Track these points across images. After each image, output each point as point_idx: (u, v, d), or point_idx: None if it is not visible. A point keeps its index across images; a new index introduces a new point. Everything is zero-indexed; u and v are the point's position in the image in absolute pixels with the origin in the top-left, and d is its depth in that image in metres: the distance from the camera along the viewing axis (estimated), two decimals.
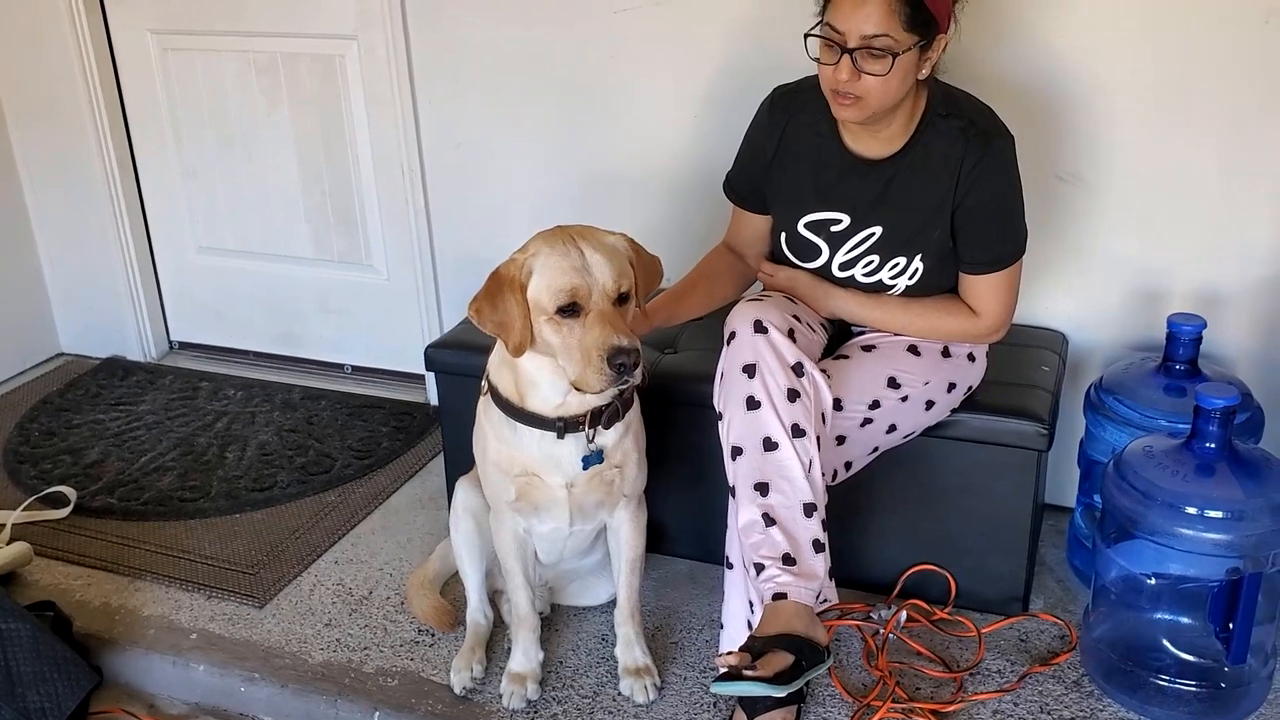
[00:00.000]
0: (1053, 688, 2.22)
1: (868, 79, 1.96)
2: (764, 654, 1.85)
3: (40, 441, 3.26)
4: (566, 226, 2.01)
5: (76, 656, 2.38)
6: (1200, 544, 2.00)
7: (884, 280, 2.19)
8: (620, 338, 1.85)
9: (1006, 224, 2.14)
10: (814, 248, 2.22)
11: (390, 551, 2.74)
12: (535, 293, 1.92)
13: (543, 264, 1.92)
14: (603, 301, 1.89)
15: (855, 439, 2.10)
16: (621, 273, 1.93)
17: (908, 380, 2.16)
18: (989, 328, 2.20)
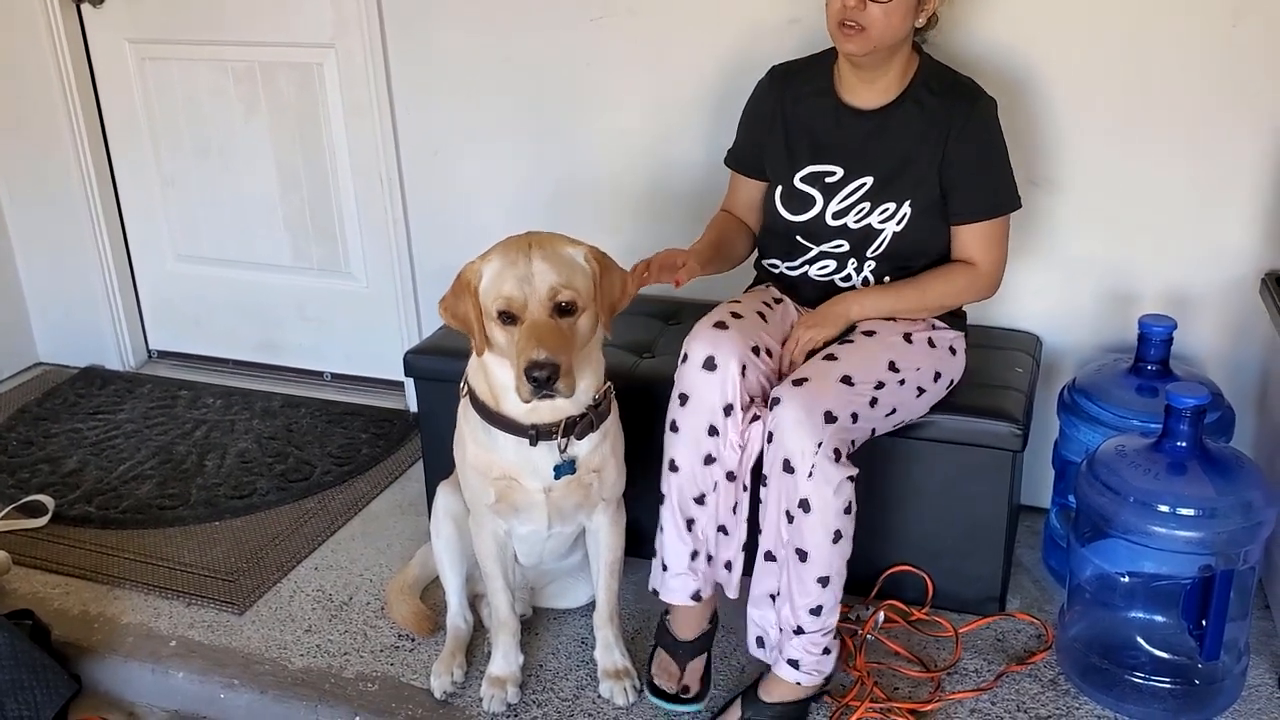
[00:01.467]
0: (1029, 686, 2.24)
1: (873, 8, 2.09)
2: None
3: (18, 450, 3.25)
4: (535, 233, 2.03)
5: (55, 664, 2.37)
6: (1173, 541, 2.03)
7: (873, 225, 2.26)
8: (539, 351, 1.86)
9: (995, 175, 2.24)
10: (808, 198, 2.30)
11: (370, 557, 2.74)
12: (483, 296, 1.97)
13: (491, 269, 1.96)
14: (537, 311, 1.91)
15: (865, 416, 2.13)
16: (566, 283, 1.93)
17: (905, 365, 2.21)
18: (989, 277, 2.28)
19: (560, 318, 1.92)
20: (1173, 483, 2.04)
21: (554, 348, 1.88)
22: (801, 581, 2.06)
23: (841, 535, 2.06)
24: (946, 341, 2.31)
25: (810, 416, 2.02)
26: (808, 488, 2.02)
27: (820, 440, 2.01)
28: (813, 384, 2.07)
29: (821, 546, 2.04)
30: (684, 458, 2.16)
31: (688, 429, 2.15)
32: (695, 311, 2.75)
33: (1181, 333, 2.43)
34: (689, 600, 2.22)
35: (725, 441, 2.13)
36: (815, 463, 2.00)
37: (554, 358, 1.86)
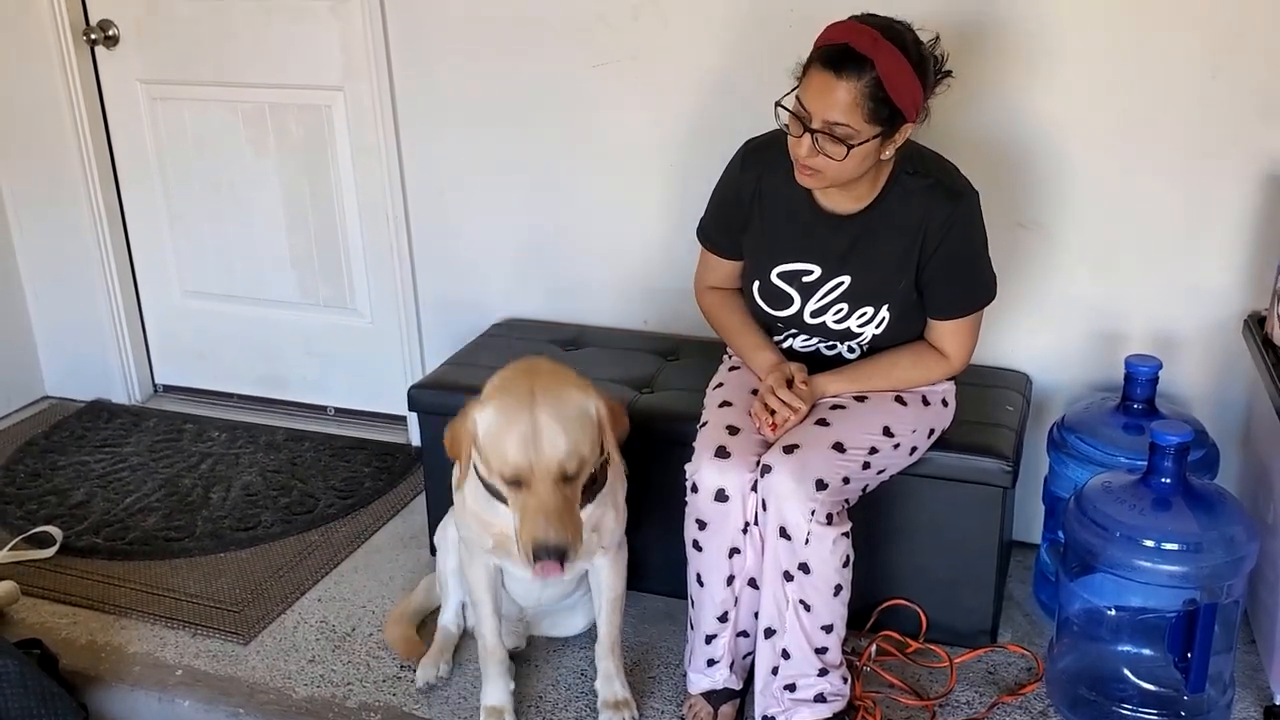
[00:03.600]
0: (1020, 718, 2.29)
1: (825, 157, 2.05)
2: None
3: (26, 483, 3.30)
4: (537, 372, 1.96)
5: (63, 692, 2.40)
6: (1158, 576, 2.08)
7: (852, 328, 2.27)
8: (550, 532, 1.81)
9: (973, 276, 2.24)
10: (786, 296, 2.29)
11: (373, 589, 2.79)
12: (484, 450, 1.91)
13: (492, 426, 1.88)
14: (544, 482, 1.84)
15: (856, 479, 2.17)
16: (573, 450, 1.86)
17: (899, 428, 2.24)
18: (958, 365, 2.30)
19: (567, 483, 1.87)
20: (1158, 518, 2.10)
21: (562, 525, 1.83)
22: (808, 632, 2.12)
23: (842, 588, 2.13)
24: (939, 396, 2.35)
25: (802, 485, 2.06)
26: (806, 552, 2.08)
27: (813, 508, 2.06)
28: (804, 451, 2.11)
29: (825, 600, 2.11)
30: (709, 577, 2.22)
31: (709, 551, 2.20)
32: (694, 350, 2.85)
33: (1167, 372, 2.49)
34: (701, 694, 2.28)
35: (747, 556, 2.18)
36: (810, 529, 2.06)
37: (563, 541, 1.82)
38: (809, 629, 2.11)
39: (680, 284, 2.67)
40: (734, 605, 2.22)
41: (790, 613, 2.11)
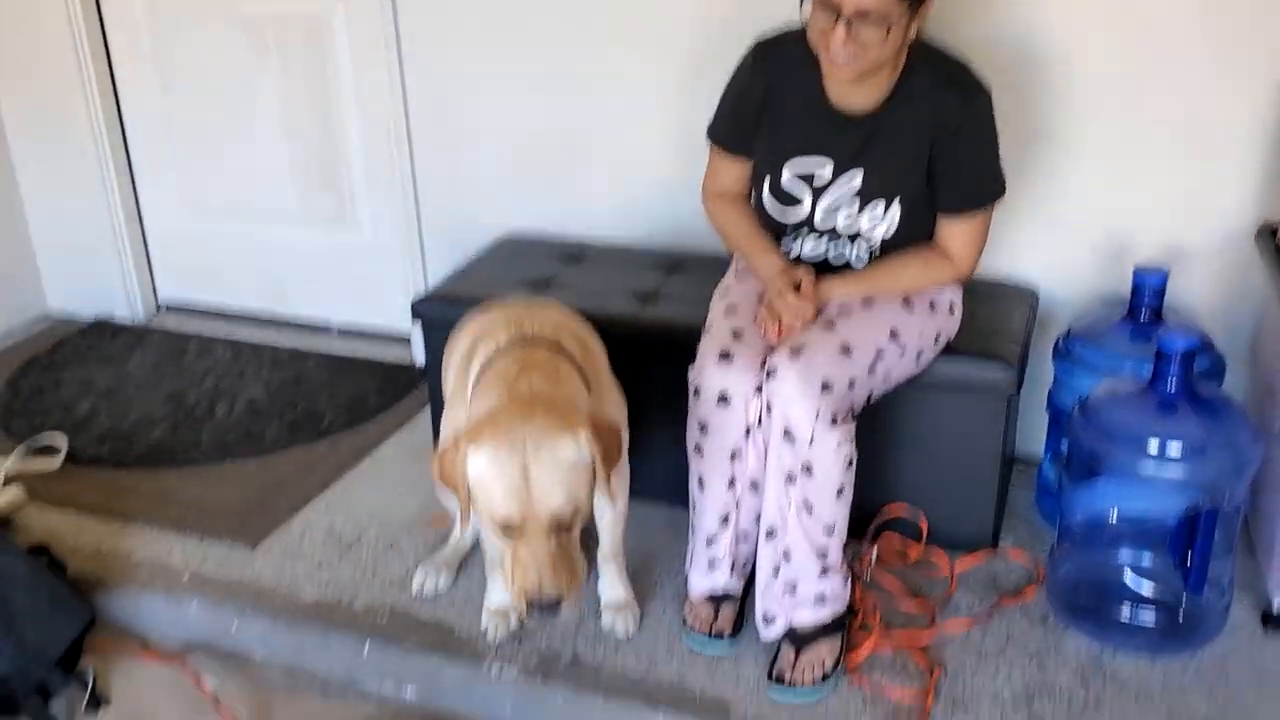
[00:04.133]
0: (1019, 621, 2.31)
1: (862, 43, 2.04)
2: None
3: (30, 397, 3.31)
4: (526, 412, 1.84)
5: (72, 593, 2.43)
6: (1161, 480, 2.09)
7: (862, 229, 2.26)
8: (542, 585, 1.77)
9: (983, 171, 2.22)
10: (796, 197, 2.28)
11: (379, 500, 2.80)
12: (475, 493, 1.84)
13: (483, 473, 1.81)
14: (537, 535, 1.79)
15: (862, 383, 2.17)
16: (567, 501, 1.79)
17: (905, 332, 2.24)
18: (965, 268, 2.29)
19: (561, 532, 1.81)
20: (1163, 423, 2.10)
21: (555, 575, 1.78)
22: (810, 533, 2.13)
23: (844, 489, 2.13)
24: (946, 302, 2.35)
25: (807, 386, 2.06)
26: (809, 454, 2.08)
27: (818, 409, 2.06)
28: (810, 353, 2.10)
29: (827, 502, 2.12)
30: (711, 479, 2.23)
31: (711, 454, 2.20)
32: (697, 263, 2.84)
33: (1176, 286, 2.49)
34: (703, 596, 2.30)
35: (748, 460, 2.19)
36: (815, 430, 2.06)
37: (558, 594, 1.78)
38: (811, 530, 2.13)
39: (684, 198, 2.65)
40: (735, 508, 2.23)
41: (792, 514, 2.12)
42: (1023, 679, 2.16)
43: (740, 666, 2.21)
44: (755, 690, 2.15)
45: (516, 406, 1.87)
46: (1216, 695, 2.11)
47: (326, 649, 2.37)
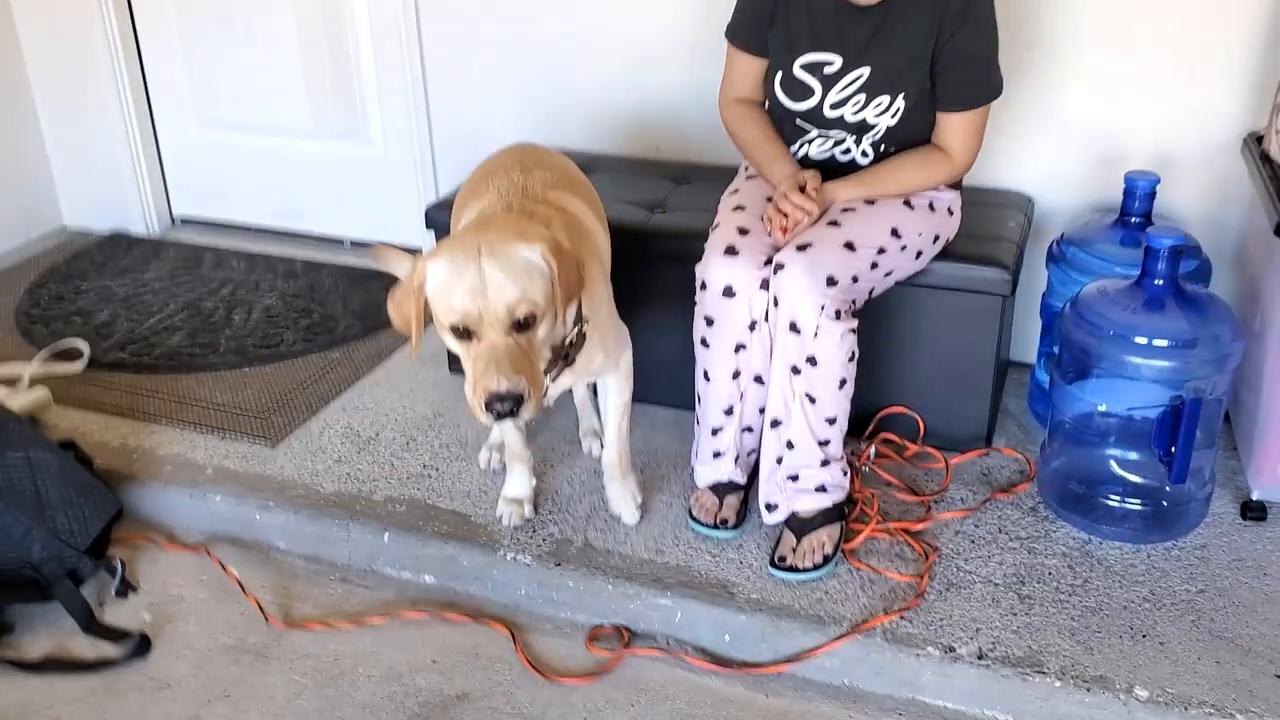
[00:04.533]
0: (1011, 512, 2.42)
1: None
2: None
3: (50, 305, 3.39)
4: (483, 229, 1.89)
5: (100, 484, 2.53)
6: (1148, 372, 2.19)
7: (868, 119, 2.33)
8: (500, 380, 1.74)
9: (982, 68, 2.30)
10: (807, 88, 2.35)
11: (394, 401, 2.90)
12: (433, 303, 1.83)
13: (437, 273, 1.82)
14: (495, 330, 1.78)
15: (864, 278, 2.26)
16: (523, 297, 1.78)
17: (906, 230, 2.32)
18: (963, 164, 2.37)
19: (519, 333, 1.81)
20: (1149, 318, 2.19)
21: (515, 373, 1.76)
22: (812, 424, 2.22)
23: (846, 381, 2.22)
24: (945, 203, 2.43)
25: (814, 281, 2.14)
26: (814, 346, 2.16)
27: (823, 303, 2.14)
28: (815, 249, 2.19)
29: (830, 393, 2.21)
30: (716, 372, 2.32)
31: (716, 346, 2.29)
32: (705, 174, 2.90)
33: (1166, 193, 2.57)
34: (707, 486, 2.41)
35: (752, 352, 2.28)
36: (820, 323, 2.15)
37: (516, 388, 1.76)
38: (813, 421, 2.22)
39: (694, 112, 2.71)
40: (739, 400, 2.33)
41: (796, 405, 2.21)
42: (1014, 563, 2.27)
43: (743, 553, 2.32)
44: (757, 573, 2.26)
45: (471, 228, 1.92)
46: (1196, 578, 2.22)
47: (347, 538, 2.48)
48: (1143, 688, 1.97)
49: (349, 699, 2.14)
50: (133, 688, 2.18)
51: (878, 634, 2.11)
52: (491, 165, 2.37)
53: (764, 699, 2.10)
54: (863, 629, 2.11)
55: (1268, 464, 2.32)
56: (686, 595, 2.22)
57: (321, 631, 2.30)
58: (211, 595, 2.41)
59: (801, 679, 2.13)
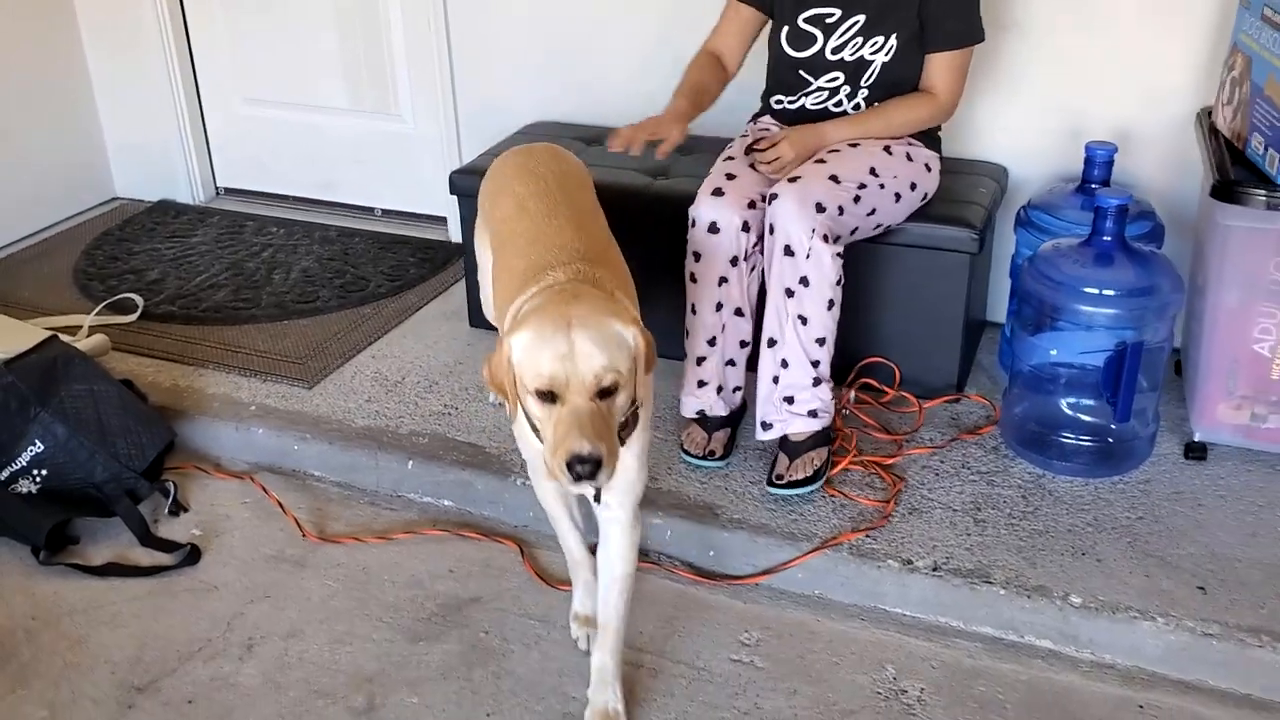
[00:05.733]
0: (975, 451, 2.66)
1: None
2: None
3: (105, 264, 3.69)
4: (574, 297, 1.88)
5: (156, 414, 2.83)
6: (1096, 319, 2.43)
7: (865, 57, 2.59)
8: (584, 444, 1.75)
9: (965, 11, 2.57)
10: (810, 36, 2.62)
11: (419, 351, 3.17)
12: (519, 371, 1.85)
13: (528, 344, 1.82)
14: (580, 395, 1.79)
15: (850, 212, 2.51)
16: (609, 365, 1.79)
17: (884, 171, 2.57)
18: (948, 106, 2.62)
19: (601, 400, 1.81)
20: (1098, 271, 2.43)
21: (597, 437, 1.77)
22: (804, 343, 2.47)
23: (834, 303, 2.47)
24: (922, 158, 2.68)
25: (804, 207, 2.40)
26: (806, 266, 2.41)
27: (813, 226, 2.40)
28: (805, 181, 2.45)
29: (819, 312, 2.45)
30: (701, 304, 2.56)
31: (702, 280, 2.54)
32: (710, 145, 3.13)
33: (1130, 164, 2.81)
34: (693, 416, 2.66)
35: (734, 286, 2.53)
36: (811, 245, 2.40)
37: (597, 450, 1.76)
38: (805, 341, 2.46)
39: None
40: (721, 332, 2.57)
41: (789, 325, 2.45)
42: (972, 493, 2.52)
43: (728, 480, 2.58)
44: (740, 497, 2.52)
45: (559, 298, 1.91)
46: (1137, 507, 2.46)
47: (375, 467, 2.75)
48: (1077, 596, 2.22)
49: (376, 600, 2.41)
50: (184, 589, 2.46)
51: (845, 550, 2.36)
52: (521, 191, 2.34)
53: (741, 605, 2.36)
54: (832, 544, 2.36)
55: (1207, 408, 2.56)
56: (675, 515, 2.48)
57: (352, 545, 2.57)
58: (254, 515, 2.69)
59: (776, 589, 2.39)
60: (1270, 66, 2.31)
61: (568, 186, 2.39)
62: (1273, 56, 2.31)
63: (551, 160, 2.47)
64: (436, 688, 2.19)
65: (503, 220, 2.34)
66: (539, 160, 2.45)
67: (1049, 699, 2.12)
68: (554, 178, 2.40)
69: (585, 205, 2.38)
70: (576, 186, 2.43)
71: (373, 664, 2.24)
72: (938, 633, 2.28)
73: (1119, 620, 2.17)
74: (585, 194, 2.45)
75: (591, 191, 2.47)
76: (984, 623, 2.26)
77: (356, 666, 2.24)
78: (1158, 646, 2.15)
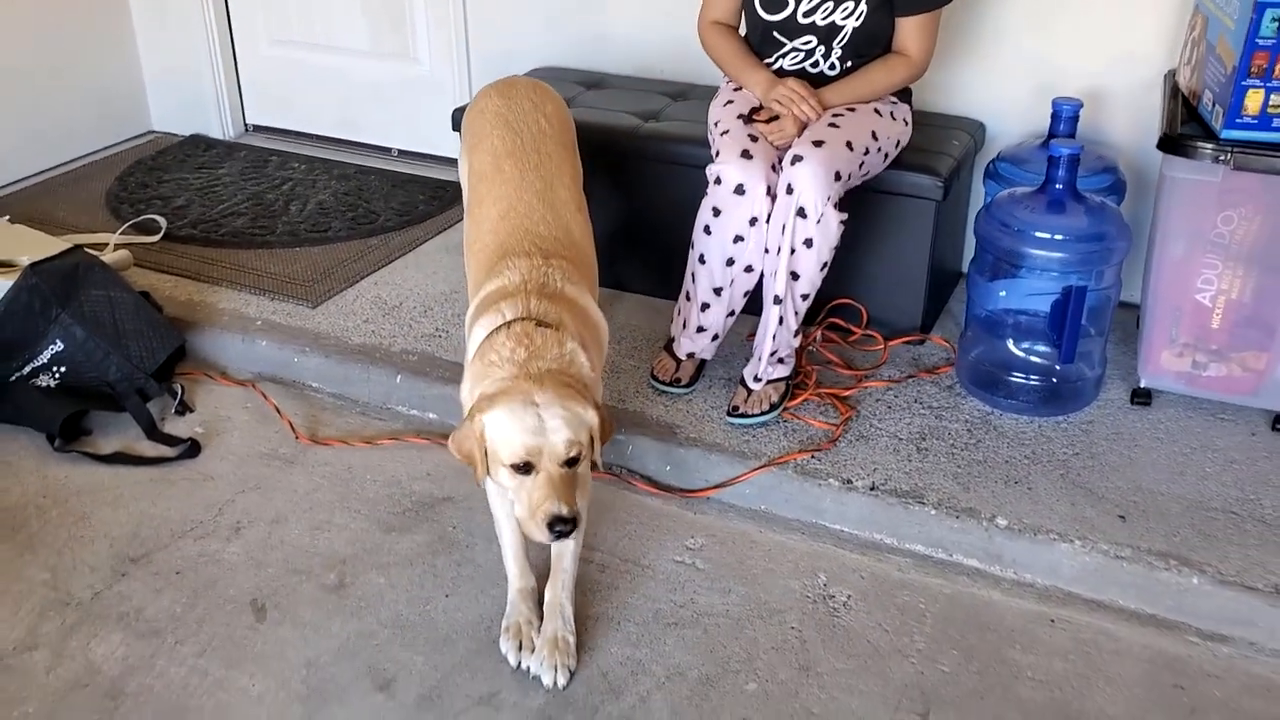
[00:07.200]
0: (930, 388, 2.80)
1: None
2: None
3: (135, 189, 3.91)
4: (537, 381, 2.03)
5: (167, 321, 3.03)
6: (1046, 262, 2.55)
7: (836, 21, 2.68)
8: (561, 506, 1.95)
9: None
10: (782, 2, 2.70)
11: (419, 280, 3.35)
12: (493, 445, 2.01)
13: (502, 423, 1.99)
14: (552, 465, 1.98)
15: (855, 175, 2.65)
16: (574, 440, 1.99)
17: (882, 134, 2.71)
18: (921, 64, 2.72)
19: (568, 468, 2.01)
20: (1049, 217, 2.56)
21: (571, 500, 1.98)
22: (794, 295, 2.61)
23: (827, 265, 2.61)
24: (902, 114, 2.81)
25: (826, 174, 2.52)
26: (814, 230, 2.54)
27: (830, 195, 2.53)
28: (828, 147, 2.56)
29: (812, 272, 2.59)
30: (712, 256, 2.67)
31: (718, 234, 2.65)
32: (702, 92, 3.29)
33: (1100, 123, 2.93)
34: (685, 357, 2.81)
35: (749, 244, 2.64)
36: (824, 211, 2.53)
37: (573, 511, 1.97)
38: (795, 296, 2.61)
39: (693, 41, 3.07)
40: (729, 285, 2.69)
41: (787, 282, 2.58)
42: (920, 425, 2.66)
43: (690, 405, 2.74)
44: (699, 419, 2.68)
45: (521, 383, 2.05)
46: (1075, 444, 2.59)
47: (368, 380, 2.94)
48: (1004, 518, 2.36)
49: (356, 495, 2.60)
50: (182, 478, 2.67)
51: (790, 468, 2.51)
52: (498, 146, 2.54)
53: (691, 515, 2.52)
54: (779, 462, 2.52)
55: (1152, 355, 2.67)
56: (637, 433, 2.64)
57: (340, 448, 2.77)
58: (253, 419, 2.89)
59: (725, 503, 2.55)
60: (1221, 25, 2.42)
61: (543, 143, 2.52)
62: (1224, 16, 2.41)
63: (532, 109, 2.58)
64: (403, 571, 2.37)
65: (480, 177, 2.50)
66: (519, 110, 2.56)
67: (968, 610, 2.27)
68: (531, 133, 2.52)
69: (559, 165, 2.52)
70: (553, 140, 2.55)
71: (347, 549, 2.44)
72: (871, 548, 2.43)
73: (1039, 542, 2.31)
74: (561, 149, 2.56)
75: (570, 139, 2.60)
76: (915, 540, 2.41)
77: (332, 550, 2.43)
78: (1074, 567, 2.29)
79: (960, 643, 2.19)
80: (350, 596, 2.31)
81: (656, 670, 2.13)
